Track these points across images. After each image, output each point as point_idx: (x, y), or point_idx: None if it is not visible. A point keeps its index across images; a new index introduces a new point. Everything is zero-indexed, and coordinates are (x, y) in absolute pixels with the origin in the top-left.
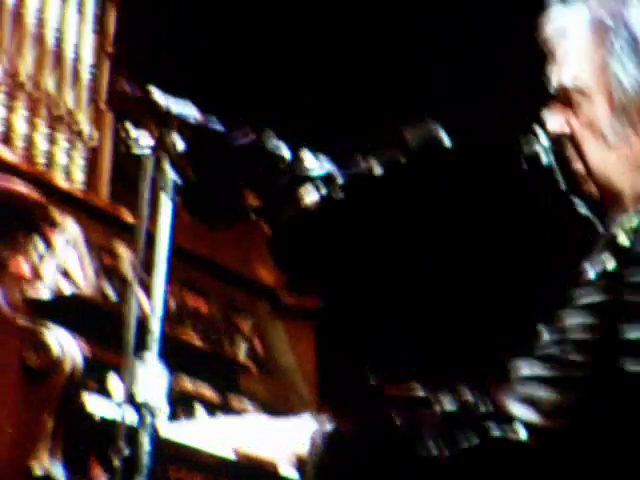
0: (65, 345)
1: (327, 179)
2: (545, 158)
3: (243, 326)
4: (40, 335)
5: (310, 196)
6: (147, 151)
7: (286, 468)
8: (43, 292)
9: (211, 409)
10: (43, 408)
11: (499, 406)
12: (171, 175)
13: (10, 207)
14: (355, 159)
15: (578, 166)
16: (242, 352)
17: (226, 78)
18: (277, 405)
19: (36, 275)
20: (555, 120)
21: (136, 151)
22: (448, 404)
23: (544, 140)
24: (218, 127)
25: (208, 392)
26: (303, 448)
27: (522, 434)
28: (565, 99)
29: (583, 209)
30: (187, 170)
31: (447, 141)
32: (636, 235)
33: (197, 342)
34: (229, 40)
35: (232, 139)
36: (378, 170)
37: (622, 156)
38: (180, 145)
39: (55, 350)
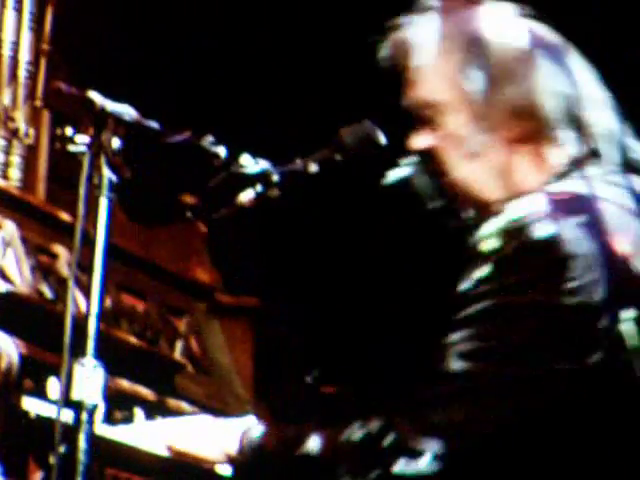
0: (1, 344)
1: (263, 177)
2: (410, 179)
3: (180, 325)
4: None
5: (246, 194)
6: (83, 149)
7: (222, 467)
8: None
9: (147, 408)
10: None
11: (404, 439)
12: (107, 173)
13: None
14: (291, 158)
15: (445, 180)
16: (178, 351)
17: (164, 80)
18: (214, 405)
19: None
20: (416, 139)
21: (72, 149)
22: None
23: (406, 162)
24: (154, 125)
25: (144, 391)
26: (235, 447)
27: (428, 467)
28: (422, 116)
29: (452, 222)
30: (123, 168)
31: (383, 139)
32: (502, 237)
33: (133, 341)
34: (166, 39)
35: (168, 137)
36: (314, 168)
37: (485, 164)
38: (116, 143)
39: None
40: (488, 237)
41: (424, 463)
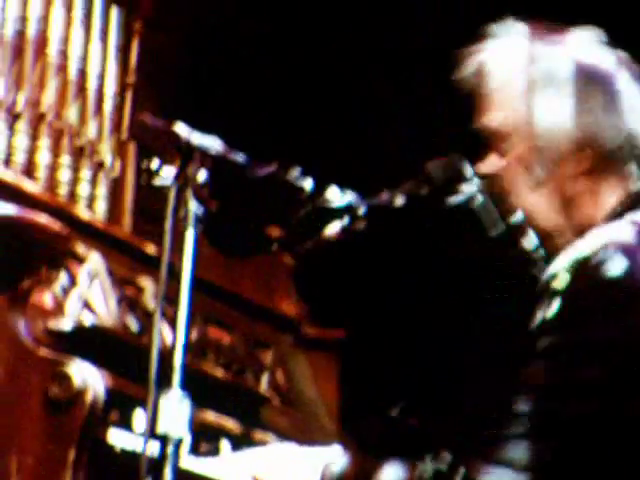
0: (87, 377)
1: (349, 210)
2: (476, 202)
3: (265, 358)
4: (62, 367)
5: (332, 227)
6: (169, 182)
7: None
8: (65, 324)
9: (233, 441)
10: (65, 440)
11: (471, 475)
12: (193, 206)
13: (32, 239)
14: (378, 192)
15: (508, 207)
16: (264, 384)
17: (251, 112)
18: (299, 437)
19: (58, 307)
20: (485, 163)
21: (158, 182)
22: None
23: (471, 186)
24: (239, 158)
25: (230, 424)
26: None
27: None
28: (493, 141)
29: (513, 251)
30: (209, 201)
31: (471, 173)
32: (572, 276)
33: (219, 374)
34: (254, 74)
35: (253, 170)
36: (401, 201)
37: (548, 195)
38: (202, 176)
39: (77, 382)
40: (560, 273)
41: None
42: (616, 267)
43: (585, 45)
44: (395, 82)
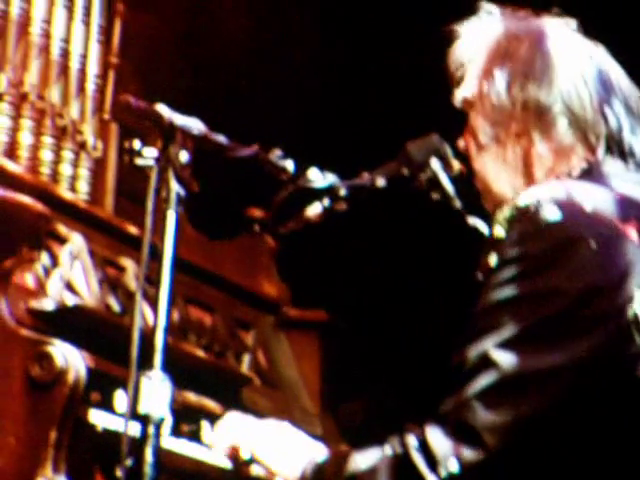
0: (69, 357)
1: (330, 191)
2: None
3: (247, 339)
4: (44, 347)
5: (313, 208)
6: (151, 163)
7: None
8: (47, 304)
9: (214, 421)
10: (47, 420)
11: (437, 447)
12: (175, 187)
13: (14, 219)
14: (359, 173)
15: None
16: (246, 365)
17: (232, 93)
18: (280, 418)
19: (40, 287)
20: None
21: (140, 163)
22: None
23: (436, 164)
24: (221, 139)
25: (211, 404)
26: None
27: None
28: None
29: (473, 220)
30: (191, 182)
31: (450, 152)
32: (509, 224)
33: (201, 355)
34: (237, 55)
35: (236, 151)
36: (382, 182)
37: (496, 157)
38: (184, 157)
39: (59, 362)
40: (500, 223)
41: (454, 467)
42: (552, 214)
43: (552, 27)
44: (377, 62)
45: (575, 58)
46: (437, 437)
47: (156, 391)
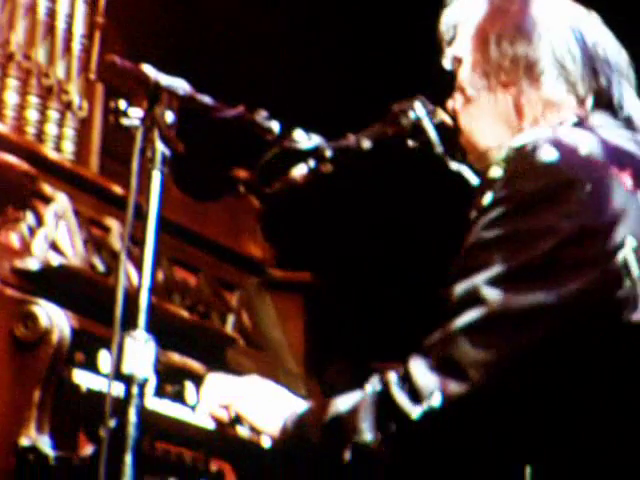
0: (53, 317)
1: (315, 152)
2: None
3: (231, 300)
4: (28, 306)
5: (299, 169)
6: (136, 123)
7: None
8: (32, 264)
9: (198, 382)
10: (30, 380)
11: (419, 383)
12: (160, 147)
13: None
14: (344, 135)
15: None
16: (230, 326)
17: (217, 54)
18: (265, 379)
19: (25, 247)
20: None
21: (125, 123)
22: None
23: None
24: (207, 100)
25: (195, 365)
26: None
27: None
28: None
29: (456, 166)
30: (176, 142)
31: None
32: (506, 163)
33: (185, 315)
34: (222, 18)
35: (221, 111)
36: (367, 144)
37: (485, 106)
38: (169, 117)
39: (43, 322)
40: (496, 164)
41: (437, 401)
42: (548, 154)
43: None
44: (364, 23)
45: (565, 17)
46: (421, 370)
47: (140, 351)
